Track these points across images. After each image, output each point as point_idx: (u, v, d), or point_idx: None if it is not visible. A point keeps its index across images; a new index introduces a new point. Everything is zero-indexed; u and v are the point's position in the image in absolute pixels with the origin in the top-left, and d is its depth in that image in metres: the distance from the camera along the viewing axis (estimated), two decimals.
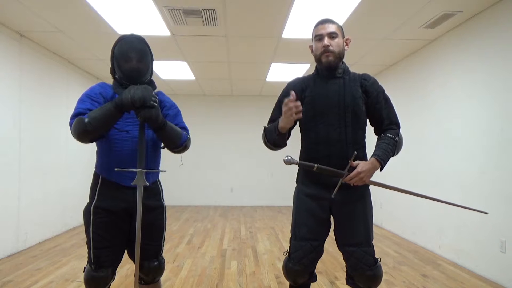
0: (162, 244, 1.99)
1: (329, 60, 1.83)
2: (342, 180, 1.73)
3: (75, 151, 5.40)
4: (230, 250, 4.30)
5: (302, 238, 1.86)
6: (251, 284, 3.15)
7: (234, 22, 3.91)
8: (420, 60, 4.71)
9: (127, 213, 1.84)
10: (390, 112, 1.90)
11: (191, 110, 7.78)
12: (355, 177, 1.72)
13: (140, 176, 1.77)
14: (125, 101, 1.66)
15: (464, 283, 3.27)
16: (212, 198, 8.25)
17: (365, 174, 1.73)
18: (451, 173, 3.97)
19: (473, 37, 3.67)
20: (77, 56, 5.17)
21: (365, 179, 1.74)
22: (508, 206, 3.16)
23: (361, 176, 1.72)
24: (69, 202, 5.28)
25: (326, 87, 1.87)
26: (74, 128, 1.69)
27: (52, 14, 3.68)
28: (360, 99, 1.85)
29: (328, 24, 1.86)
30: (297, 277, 1.89)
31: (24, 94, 4.32)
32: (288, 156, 1.73)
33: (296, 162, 1.74)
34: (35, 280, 3.19)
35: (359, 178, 1.72)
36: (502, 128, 3.26)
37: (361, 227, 1.84)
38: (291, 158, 1.73)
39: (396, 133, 1.86)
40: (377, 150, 1.81)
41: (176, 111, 2.00)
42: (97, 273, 1.79)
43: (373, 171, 1.77)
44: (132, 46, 1.79)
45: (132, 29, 3.98)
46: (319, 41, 1.86)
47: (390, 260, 3.91)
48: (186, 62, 5.51)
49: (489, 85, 3.45)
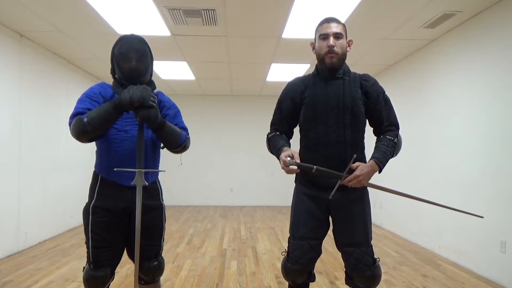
0: (162, 244, 1.98)
1: (333, 61, 1.82)
2: (340, 182, 1.73)
3: (75, 151, 5.40)
4: (230, 250, 4.30)
5: (300, 237, 1.86)
6: (251, 284, 3.15)
7: (234, 22, 3.91)
8: (420, 60, 4.71)
9: (126, 213, 1.84)
10: (390, 113, 1.89)
11: (191, 110, 7.77)
12: (353, 180, 1.72)
13: (139, 176, 1.77)
14: (124, 101, 1.66)
15: (464, 283, 3.27)
16: (212, 198, 8.25)
17: (363, 177, 1.72)
18: (451, 173, 3.96)
19: (473, 37, 3.67)
20: (77, 56, 5.18)
21: (363, 182, 1.74)
22: (508, 206, 3.16)
23: (359, 179, 1.72)
24: (69, 202, 5.28)
25: (325, 88, 1.87)
26: (73, 128, 1.69)
27: (52, 14, 3.68)
28: (359, 100, 1.84)
29: (334, 23, 1.84)
30: (296, 276, 1.89)
31: (24, 94, 4.32)
32: (287, 158, 1.72)
33: (295, 164, 1.73)
34: (35, 280, 3.19)
35: (357, 181, 1.72)
36: (502, 128, 3.26)
37: (359, 227, 1.84)
38: (290, 160, 1.72)
39: (395, 135, 1.86)
40: (376, 153, 1.80)
41: (176, 111, 2.00)
42: (96, 272, 1.79)
43: (372, 174, 1.77)
44: (131, 46, 1.79)
45: (132, 29, 3.98)
46: (323, 40, 1.84)
47: (390, 260, 3.91)
48: (186, 62, 5.51)
49: (489, 85, 3.44)
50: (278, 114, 1.98)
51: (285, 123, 1.97)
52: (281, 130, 1.98)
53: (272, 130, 2.01)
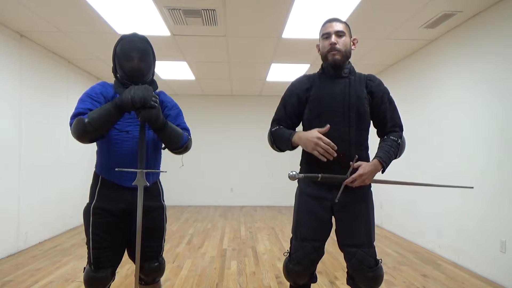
0: (163, 245, 1.98)
1: (335, 58, 1.83)
2: (344, 183, 1.75)
3: (75, 151, 5.39)
4: (230, 250, 4.30)
5: (303, 238, 1.86)
6: (251, 284, 3.15)
7: (234, 22, 3.91)
8: (420, 60, 4.71)
9: (126, 214, 1.84)
10: (394, 114, 1.90)
11: (191, 110, 7.75)
12: (357, 180, 1.73)
13: (141, 177, 1.76)
14: (125, 101, 1.65)
15: (464, 283, 3.27)
16: (212, 198, 8.25)
17: (367, 176, 1.74)
18: (451, 173, 3.96)
19: (473, 37, 3.67)
20: (77, 56, 5.17)
21: (367, 181, 1.76)
22: (508, 206, 3.16)
23: (363, 178, 1.74)
24: (69, 202, 5.28)
25: (331, 86, 1.87)
26: (74, 128, 1.67)
27: (52, 14, 3.68)
28: (365, 100, 1.85)
29: (335, 22, 1.86)
30: (298, 277, 1.89)
31: (24, 94, 4.32)
32: (293, 172, 1.78)
33: (301, 177, 1.79)
34: (35, 280, 3.19)
35: (361, 180, 1.74)
36: (502, 128, 3.26)
37: (362, 228, 1.84)
38: (296, 173, 1.78)
39: (399, 136, 1.87)
40: (380, 152, 1.81)
41: (178, 112, 1.99)
42: (96, 273, 1.78)
43: (375, 173, 1.78)
44: (134, 45, 1.78)
45: (132, 29, 3.92)
46: (326, 39, 1.86)
47: (390, 260, 3.91)
48: (186, 62, 5.51)
49: (489, 85, 3.44)
50: (281, 111, 1.96)
51: (288, 121, 1.95)
52: (284, 126, 1.96)
53: (275, 125, 1.97)
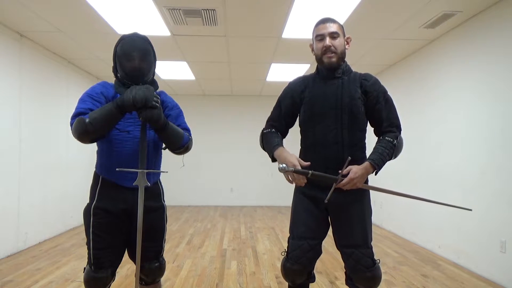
0: (163, 245, 1.98)
1: (331, 61, 1.82)
2: (335, 185, 1.73)
3: (75, 151, 5.39)
4: (230, 250, 4.30)
5: (300, 237, 1.86)
6: (251, 284, 3.15)
7: (234, 22, 3.91)
8: (420, 60, 4.71)
9: (126, 214, 1.83)
10: (390, 114, 1.86)
11: (191, 110, 7.75)
12: (348, 183, 1.71)
13: (142, 177, 1.76)
14: (127, 101, 1.64)
15: (464, 283, 3.27)
16: (212, 198, 8.25)
17: (358, 180, 1.72)
18: (451, 173, 3.97)
19: (473, 37, 3.67)
20: (77, 56, 5.17)
21: (358, 184, 1.73)
22: (508, 206, 3.16)
23: (354, 182, 1.72)
24: (69, 202, 5.28)
25: (324, 88, 1.86)
26: (74, 128, 1.66)
27: (52, 14, 3.68)
28: (358, 100, 1.82)
29: (329, 23, 1.84)
30: (295, 276, 1.89)
31: (24, 94, 4.32)
32: (283, 164, 1.72)
33: (290, 170, 1.73)
34: (35, 280, 3.19)
35: (352, 183, 1.72)
36: (502, 128, 3.26)
37: (358, 229, 1.83)
38: (285, 166, 1.72)
39: (395, 136, 1.82)
40: (373, 154, 1.79)
41: (178, 112, 1.99)
42: (96, 274, 1.78)
43: (366, 176, 1.76)
44: (134, 45, 1.77)
45: (132, 29, 3.92)
46: (320, 41, 1.84)
47: (390, 260, 3.91)
48: (186, 62, 5.51)
49: (489, 85, 3.45)
50: (277, 111, 1.99)
51: (282, 121, 1.98)
52: (277, 127, 1.99)
53: (268, 126, 2.01)
